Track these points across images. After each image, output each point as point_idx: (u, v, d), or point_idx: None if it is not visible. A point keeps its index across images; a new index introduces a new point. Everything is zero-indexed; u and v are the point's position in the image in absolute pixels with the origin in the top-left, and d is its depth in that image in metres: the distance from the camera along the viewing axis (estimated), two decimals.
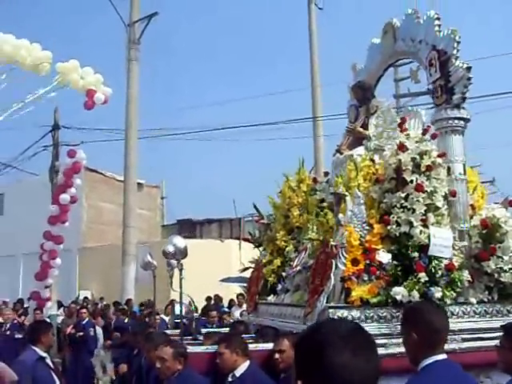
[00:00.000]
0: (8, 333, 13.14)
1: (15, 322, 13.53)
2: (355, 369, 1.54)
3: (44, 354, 6.03)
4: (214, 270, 18.57)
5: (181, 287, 6.23)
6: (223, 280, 17.91)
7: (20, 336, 12.41)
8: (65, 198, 13.03)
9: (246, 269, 8.11)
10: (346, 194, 5.55)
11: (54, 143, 24.70)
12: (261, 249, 7.86)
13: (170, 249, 6.20)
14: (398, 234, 5.36)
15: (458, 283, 5.28)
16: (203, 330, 7.79)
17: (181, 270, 6.22)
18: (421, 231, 5.29)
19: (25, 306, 17.19)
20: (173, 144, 31.47)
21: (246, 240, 9.51)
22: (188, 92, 71.51)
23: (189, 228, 29.11)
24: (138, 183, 22.53)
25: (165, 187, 32.95)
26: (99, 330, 13.19)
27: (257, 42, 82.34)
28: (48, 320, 11.42)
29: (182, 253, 6.25)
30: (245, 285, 14.99)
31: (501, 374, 3.91)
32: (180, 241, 6.37)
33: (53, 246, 13.09)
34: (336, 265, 5.28)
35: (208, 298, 16.61)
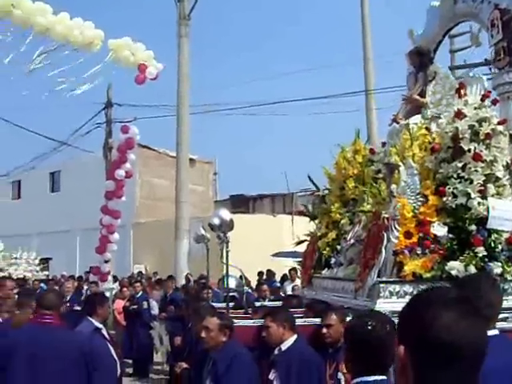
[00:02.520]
0: (67, 305, 13.50)
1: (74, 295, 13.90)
2: (460, 332, 1.42)
3: (100, 326, 6.08)
4: (266, 245, 18.52)
5: (227, 260, 6.14)
6: (275, 255, 17.85)
7: (79, 308, 12.72)
8: (120, 173, 13.25)
9: (301, 242, 7.98)
10: (399, 164, 5.32)
11: (107, 120, 25.06)
12: (316, 222, 7.69)
13: (216, 221, 6.10)
14: (454, 206, 5.11)
15: None
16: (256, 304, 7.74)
17: (227, 243, 6.12)
18: (479, 203, 5.03)
19: (85, 278, 17.64)
20: (225, 119, 31.49)
21: (300, 213, 9.38)
22: (240, 67, 71.43)
23: (241, 203, 29.17)
24: (191, 159, 22.58)
25: (217, 163, 33.04)
26: (153, 303, 13.34)
27: (309, 16, 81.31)
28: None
29: (228, 225, 6.14)
30: (297, 259, 14.94)
31: None
32: (226, 213, 6.27)
33: (110, 221, 13.33)
34: (388, 238, 5.08)
35: (260, 273, 16.58)
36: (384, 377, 2.57)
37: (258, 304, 7.93)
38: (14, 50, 11.13)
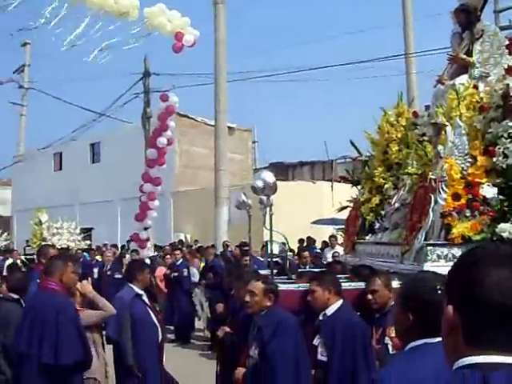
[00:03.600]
0: (109, 273, 13.74)
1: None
2: (507, 293, 1.33)
3: (141, 292, 6.16)
4: (305, 212, 18.44)
5: (271, 223, 6.07)
6: (315, 222, 17.79)
7: (119, 276, 12.94)
8: (162, 140, 13.35)
9: (344, 208, 7.89)
10: (446, 123, 5.15)
11: (145, 90, 25.08)
12: (358, 187, 7.57)
13: (260, 184, 6.02)
14: (504, 167, 4.95)
15: None
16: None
17: (270, 206, 6.05)
18: None
19: (127, 247, 17.91)
20: (263, 86, 31.32)
21: (342, 179, 9.26)
22: (278, 32, 70.61)
23: (281, 171, 29.03)
24: (229, 127, 22.52)
25: (256, 131, 32.91)
26: (193, 271, 13.46)
27: None
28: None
29: (272, 188, 6.06)
30: (337, 226, 14.86)
31: None
32: (269, 175, 6.19)
33: (152, 188, 13.44)
34: (435, 200, 4.96)
35: (300, 240, 16.55)
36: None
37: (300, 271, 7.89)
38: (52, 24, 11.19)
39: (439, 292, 2.48)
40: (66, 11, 11.41)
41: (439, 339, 2.42)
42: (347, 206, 7.84)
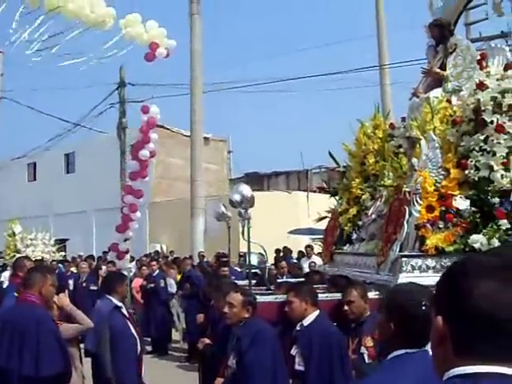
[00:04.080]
0: (84, 285, 13.65)
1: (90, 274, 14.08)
2: (502, 302, 1.34)
3: (119, 304, 6.11)
4: (281, 222, 18.54)
5: (248, 237, 6.15)
6: (292, 232, 17.88)
7: (95, 288, 12.87)
8: (144, 153, 13.35)
9: (322, 218, 7.99)
10: (420, 137, 5.27)
11: (121, 100, 25.04)
12: (336, 198, 7.68)
13: (237, 197, 6.09)
14: (476, 179, 5.06)
15: None
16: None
17: (248, 219, 6.12)
18: (502, 175, 4.97)
19: (103, 258, 17.78)
20: (238, 97, 31.46)
21: (320, 189, 9.37)
22: (250, 44, 70.92)
23: (256, 181, 29.12)
24: (205, 137, 22.58)
25: (231, 141, 32.97)
26: (170, 282, 13.45)
27: None
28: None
29: (249, 201, 6.13)
30: (313, 236, 14.95)
31: None
32: (246, 189, 6.26)
33: (133, 200, 13.44)
34: (410, 212, 5.07)
35: (277, 250, 16.62)
36: (425, 348, 2.58)
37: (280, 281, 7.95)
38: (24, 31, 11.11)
39: (423, 307, 2.55)
40: (40, 20, 11.36)
41: (420, 349, 2.52)
42: (326, 217, 7.94)
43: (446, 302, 1.42)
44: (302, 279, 7.30)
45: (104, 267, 14.66)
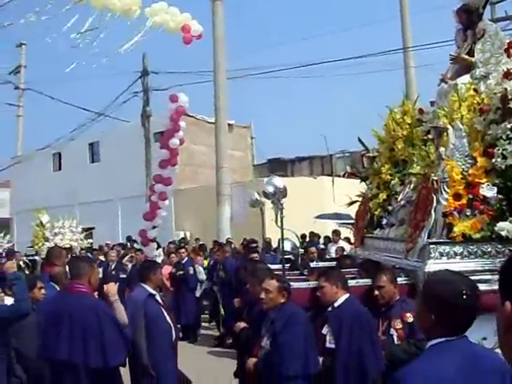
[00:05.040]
0: (113, 273, 13.86)
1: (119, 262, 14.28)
2: None
3: (154, 292, 6.25)
4: (307, 208, 18.62)
5: (282, 224, 6.36)
6: (318, 217, 17.92)
7: (124, 276, 13.08)
8: (174, 142, 13.59)
9: (353, 203, 8.13)
10: (447, 127, 5.36)
11: (144, 89, 25.23)
12: (367, 182, 7.81)
13: (270, 189, 6.29)
14: (503, 167, 5.15)
15: None
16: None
17: (281, 210, 6.32)
18: None
19: (130, 246, 17.97)
20: (261, 82, 31.44)
21: (351, 174, 9.49)
22: (275, 29, 70.54)
23: (279, 167, 29.19)
24: (228, 124, 22.66)
25: (254, 127, 33.00)
26: (199, 268, 13.61)
27: None
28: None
29: (282, 193, 6.33)
30: (339, 221, 15.04)
31: None
32: (279, 181, 6.45)
33: (163, 188, 13.64)
34: (437, 200, 5.18)
35: (303, 236, 16.72)
36: (463, 334, 2.65)
37: (313, 264, 8.12)
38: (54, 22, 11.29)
39: (464, 297, 2.58)
40: (67, 10, 11.53)
41: (459, 336, 2.61)
42: (356, 201, 8.07)
43: None
44: (333, 264, 7.48)
45: (127, 256, 14.82)
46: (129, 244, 19.22)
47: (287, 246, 7.82)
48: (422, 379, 2.48)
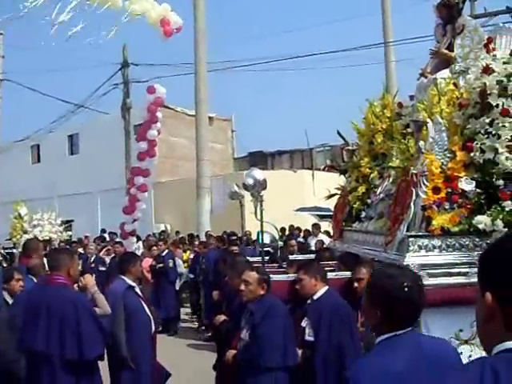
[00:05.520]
0: (93, 265, 13.83)
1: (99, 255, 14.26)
2: None
3: (133, 284, 6.27)
4: (287, 201, 18.67)
5: (261, 217, 6.38)
6: (298, 210, 17.99)
7: (103, 269, 13.05)
8: (152, 133, 13.56)
9: (332, 196, 8.16)
10: (427, 121, 5.38)
11: (124, 81, 25.08)
12: (346, 176, 7.84)
13: (250, 181, 6.29)
14: (481, 162, 5.17)
15: None
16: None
17: (261, 202, 6.32)
18: (507, 158, 5.07)
19: (110, 238, 17.93)
20: (242, 75, 31.41)
21: (330, 167, 9.52)
22: (257, 21, 70.42)
23: (260, 160, 29.24)
24: (209, 117, 22.62)
25: (235, 120, 32.98)
26: (179, 261, 13.61)
27: None
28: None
29: (262, 185, 6.34)
30: (319, 213, 15.09)
31: None
32: (259, 173, 6.45)
33: (143, 180, 13.61)
34: (417, 193, 5.20)
35: (282, 229, 16.77)
36: (411, 327, 2.72)
37: (291, 257, 8.14)
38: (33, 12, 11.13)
39: (406, 289, 2.65)
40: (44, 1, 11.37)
41: (407, 330, 2.64)
42: (335, 194, 8.10)
43: (496, 280, 1.48)
44: (312, 256, 7.50)
45: (105, 249, 14.79)
46: (107, 237, 19.14)
47: (266, 239, 7.84)
48: (371, 375, 2.52)
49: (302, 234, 16.44)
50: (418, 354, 2.59)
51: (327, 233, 13.63)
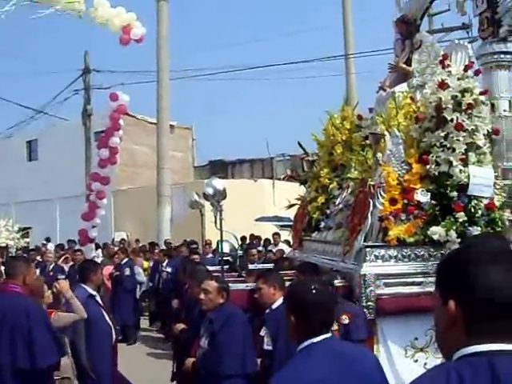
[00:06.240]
0: (51, 274, 13.58)
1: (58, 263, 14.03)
2: (508, 287, 1.48)
3: (94, 292, 6.19)
4: (247, 210, 18.71)
5: (221, 226, 6.39)
6: (258, 219, 18.02)
7: (63, 277, 12.84)
8: (115, 140, 13.46)
9: (292, 206, 8.24)
10: (384, 133, 5.51)
11: (86, 87, 24.83)
12: (306, 186, 7.94)
13: (210, 191, 6.32)
14: (437, 174, 5.34)
15: (499, 223, 5.25)
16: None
17: (220, 211, 6.35)
18: (460, 170, 5.25)
19: (69, 246, 17.66)
20: (203, 84, 31.41)
21: (290, 177, 9.62)
22: (220, 30, 70.59)
23: (220, 169, 29.26)
24: (170, 125, 22.55)
25: (195, 129, 32.92)
26: (138, 270, 13.50)
27: None
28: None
29: (222, 194, 6.37)
30: (279, 224, 15.17)
31: None
32: (219, 183, 6.48)
33: (101, 187, 13.48)
34: (374, 204, 5.32)
35: (242, 238, 16.78)
36: (329, 334, 2.77)
37: (251, 266, 8.18)
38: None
39: (314, 291, 2.75)
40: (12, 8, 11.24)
41: (324, 337, 2.69)
42: (295, 204, 8.19)
43: (458, 289, 1.53)
44: (271, 266, 7.56)
45: (63, 257, 14.58)
46: (50, 246, 18.81)
47: (226, 248, 7.88)
48: None
49: (262, 243, 16.46)
50: (339, 359, 2.63)
51: (287, 242, 13.70)
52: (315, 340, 2.67)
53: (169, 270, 12.74)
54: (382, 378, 2.71)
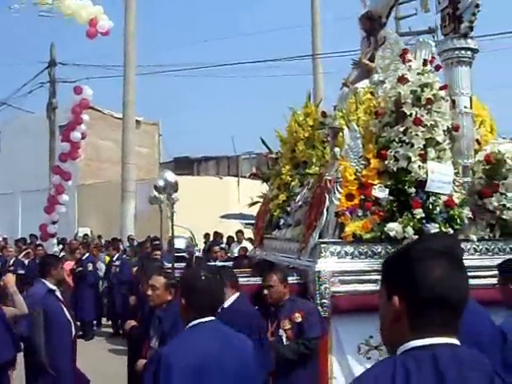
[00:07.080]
0: (11, 269, 13.28)
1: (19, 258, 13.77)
2: (452, 285, 1.55)
3: (54, 287, 6.05)
4: (212, 207, 18.56)
5: (172, 220, 6.21)
6: (223, 216, 17.91)
7: (23, 272, 12.59)
8: (76, 135, 13.20)
9: (254, 203, 8.11)
10: (343, 127, 5.41)
11: (51, 80, 24.39)
12: (268, 184, 7.81)
13: (161, 183, 6.14)
14: (395, 169, 5.25)
15: (458, 220, 5.18)
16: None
17: (173, 204, 6.17)
18: (419, 166, 5.17)
19: (31, 241, 17.35)
20: (170, 80, 31.17)
21: (253, 175, 9.50)
22: (187, 28, 70.24)
23: (186, 165, 29.05)
24: (136, 120, 22.29)
25: (161, 125, 32.61)
26: (101, 265, 13.32)
27: None
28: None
29: (173, 187, 6.19)
30: (244, 221, 15.06)
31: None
32: (171, 175, 6.31)
33: (61, 181, 13.23)
34: (330, 200, 5.20)
35: (206, 235, 16.64)
36: (213, 317, 3.02)
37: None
38: None
39: (203, 278, 3.02)
40: None
41: (208, 318, 2.93)
42: (257, 202, 8.06)
43: (403, 285, 1.57)
44: (231, 264, 7.42)
45: (24, 252, 14.31)
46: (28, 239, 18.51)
47: (182, 244, 7.72)
48: (188, 356, 2.79)
49: (225, 241, 16.34)
50: (218, 337, 2.96)
51: (251, 240, 13.60)
52: (202, 320, 2.93)
53: (117, 263, 12.73)
54: (255, 362, 3.09)
